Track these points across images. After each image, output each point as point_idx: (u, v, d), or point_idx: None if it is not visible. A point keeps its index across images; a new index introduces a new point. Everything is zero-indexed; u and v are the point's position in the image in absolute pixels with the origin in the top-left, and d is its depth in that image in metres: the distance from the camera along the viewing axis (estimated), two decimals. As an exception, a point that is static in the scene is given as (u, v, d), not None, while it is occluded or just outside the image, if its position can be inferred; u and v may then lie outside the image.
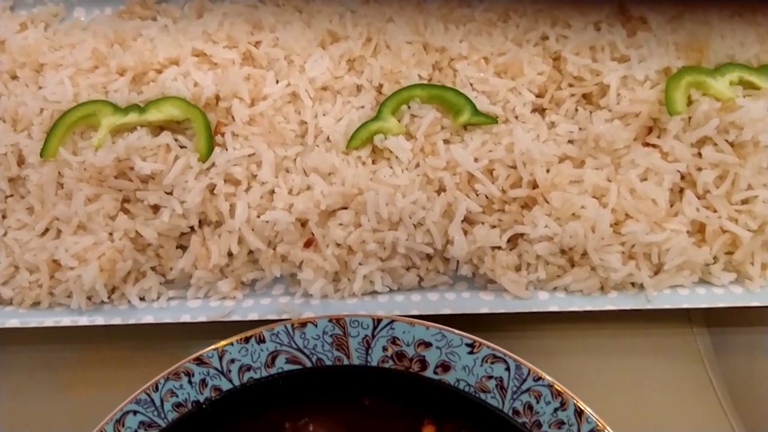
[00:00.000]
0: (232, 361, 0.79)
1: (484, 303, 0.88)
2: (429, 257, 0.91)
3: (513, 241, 0.91)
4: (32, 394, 0.92)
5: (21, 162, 0.94)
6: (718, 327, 0.96)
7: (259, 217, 0.89)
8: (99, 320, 0.89)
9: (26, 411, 0.91)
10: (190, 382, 0.79)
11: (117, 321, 0.89)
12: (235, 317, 0.88)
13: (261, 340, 0.80)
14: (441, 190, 0.90)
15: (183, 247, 0.93)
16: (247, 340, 0.81)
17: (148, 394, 0.78)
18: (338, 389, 0.76)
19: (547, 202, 0.88)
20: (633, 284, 0.89)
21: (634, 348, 0.94)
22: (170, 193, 0.90)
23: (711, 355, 0.94)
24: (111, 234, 0.89)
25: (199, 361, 0.80)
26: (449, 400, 0.75)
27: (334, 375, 0.76)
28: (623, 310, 0.93)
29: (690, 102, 0.90)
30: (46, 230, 0.91)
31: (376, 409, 0.76)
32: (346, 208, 0.89)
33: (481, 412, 0.74)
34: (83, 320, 0.89)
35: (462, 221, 0.89)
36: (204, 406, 0.74)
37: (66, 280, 0.88)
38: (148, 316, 0.89)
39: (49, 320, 0.89)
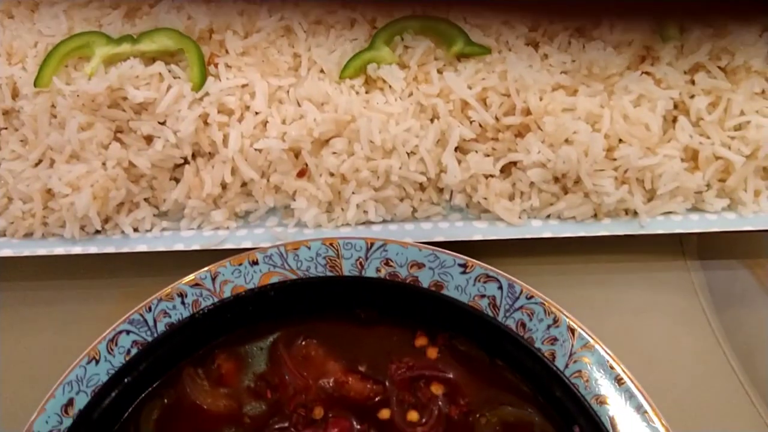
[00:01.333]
0: (225, 282, 0.79)
1: (478, 230, 0.88)
2: (422, 187, 0.91)
3: (506, 170, 0.91)
4: (27, 327, 0.92)
5: (15, 95, 0.94)
6: (711, 260, 0.96)
7: (252, 146, 0.89)
8: (92, 249, 0.89)
9: (20, 344, 0.91)
10: (183, 302, 0.78)
11: (110, 249, 0.89)
12: (229, 245, 0.88)
13: (254, 263, 0.80)
14: (434, 117, 0.90)
15: (176, 180, 0.93)
16: (240, 262, 0.81)
17: (141, 315, 0.78)
18: (331, 303, 0.76)
19: (541, 129, 0.88)
20: (626, 212, 0.89)
21: (628, 280, 0.94)
22: (163, 123, 0.90)
23: (704, 288, 0.94)
24: (104, 163, 0.89)
25: (193, 283, 0.80)
26: (442, 313, 0.75)
27: (327, 288, 0.76)
28: (617, 240, 0.93)
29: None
30: (40, 161, 0.91)
31: (370, 321, 0.76)
32: (339, 137, 0.89)
33: (474, 323, 0.74)
34: (76, 249, 0.89)
35: (455, 150, 0.89)
36: (196, 316, 0.74)
37: (59, 209, 0.88)
38: (141, 245, 0.89)
39: (42, 249, 0.89)
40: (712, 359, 0.89)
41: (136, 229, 0.91)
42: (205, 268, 0.80)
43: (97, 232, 0.91)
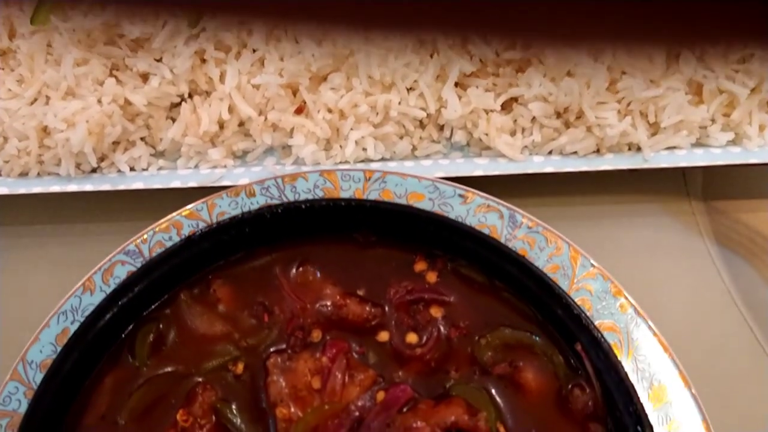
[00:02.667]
0: (222, 214, 0.78)
1: (479, 166, 0.87)
2: (422, 124, 0.90)
3: (507, 106, 0.89)
4: (22, 267, 0.91)
5: (12, 35, 0.93)
6: (716, 200, 0.94)
7: (249, 83, 0.88)
8: (88, 186, 0.88)
9: (16, 283, 0.90)
10: (179, 234, 0.77)
11: (106, 187, 0.88)
12: (226, 182, 0.87)
13: (251, 194, 0.79)
14: (434, 52, 0.88)
15: (173, 120, 0.92)
16: (236, 193, 0.80)
17: (137, 246, 0.77)
18: (329, 227, 0.75)
19: (542, 63, 0.86)
20: (629, 147, 0.88)
21: (631, 221, 0.93)
22: (159, 60, 0.89)
23: (708, 230, 0.93)
24: (99, 100, 0.88)
25: (189, 214, 0.79)
26: (442, 236, 0.74)
27: (324, 212, 0.74)
28: (620, 179, 0.91)
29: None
30: (35, 99, 0.90)
31: (368, 245, 0.75)
32: (337, 71, 0.88)
33: (475, 245, 0.73)
34: (72, 186, 0.88)
35: (455, 86, 0.88)
36: (192, 238, 0.73)
37: (54, 146, 0.87)
38: (137, 183, 0.88)
39: (37, 188, 0.88)
40: (715, 296, 0.87)
41: (132, 168, 0.90)
42: (201, 200, 0.79)
43: (93, 171, 0.90)
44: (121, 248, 0.81)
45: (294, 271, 0.75)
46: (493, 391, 0.68)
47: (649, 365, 0.74)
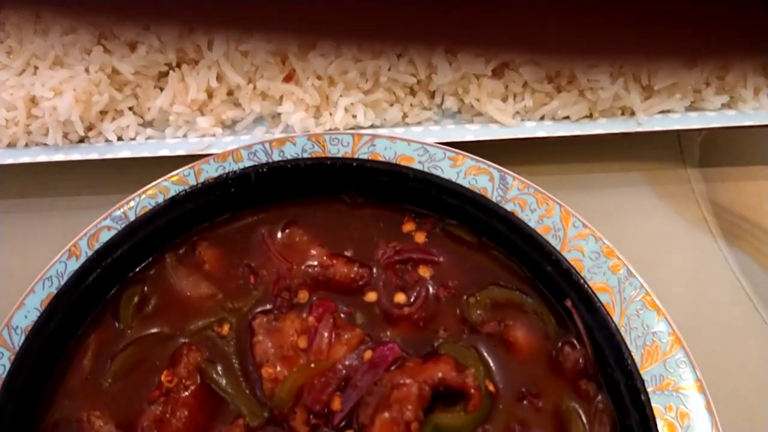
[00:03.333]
0: (209, 179, 0.77)
1: (470, 132, 0.86)
2: (413, 91, 0.89)
3: (498, 72, 0.88)
4: (10, 238, 0.91)
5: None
6: (712, 167, 0.93)
7: (237, 49, 0.87)
8: (75, 155, 0.87)
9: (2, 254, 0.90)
10: (165, 199, 0.77)
11: (93, 156, 0.87)
12: (215, 150, 0.86)
13: (239, 159, 0.78)
14: (423, 17, 0.87)
15: (161, 89, 0.91)
16: (224, 158, 0.79)
17: (124, 212, 0.76)
18: (316, 188, 0.74)
19: (533, 27, 0.85)
20: (623, 112, 0.86)
21: (625, 189, 0.92)
22: (147, 29, 0.88)
23: (704, 195, 0.92)
24: (87, 69, 0.87)
25: (176, 179, 0.78)
26: (430, 196, 0.73)
27: (312, 172, 0.73)
28: (614, 146, 0.90)
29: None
30: (24, 69, 0.90)
31: (355, 206, 0.74)
32: (326, 38, 0.87)
33: (464, 204, 0.72)
34: (59, 156, 0.87)
35: (446, 52, 0.87)
36: (176, 198, 0.72)
37: (42, 115, 0.86)
38: (124, 152, 0.87)
39: (25, 157, 0.87)
40: (709, 259, 0.86)
41: (120, 138, 0.89)
42: (188, 166, 0.79)
43: (81, 141, 0.89)
44: (107, 214, 0.80)
45: (280, 233, 0.74)
46: (483, 349, 0.67)
47: (642, 325, 0.73)
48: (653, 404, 0.62)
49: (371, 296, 0.70)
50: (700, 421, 0.69)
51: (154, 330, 0.70)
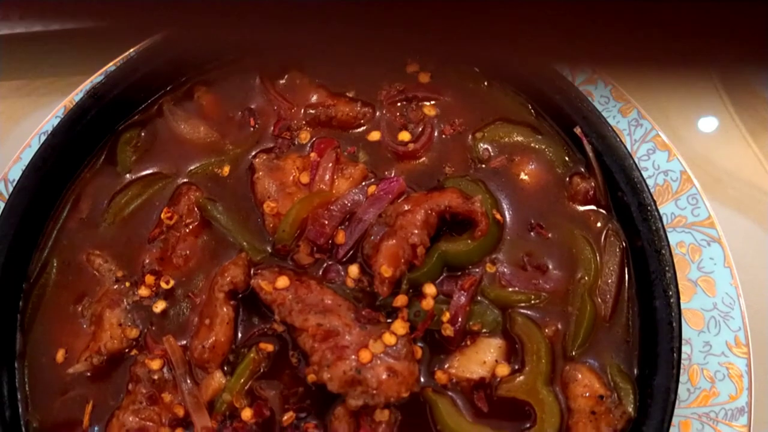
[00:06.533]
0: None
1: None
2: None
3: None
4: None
5: None
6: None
7: None
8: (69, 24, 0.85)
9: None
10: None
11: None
12: None
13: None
14: None
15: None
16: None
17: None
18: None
19: None
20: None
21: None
22: None
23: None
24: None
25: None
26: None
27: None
28: None
29: None
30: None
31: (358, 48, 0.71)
32: None
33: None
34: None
35: None
36: (171, 37, 0.69)
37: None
38: None
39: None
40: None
41: None
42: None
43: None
44: (102, 70, 0.78)
45: (280, 77, 0.71)
46: (490, 183, 0.65)
47: (653, 165, 0.71)
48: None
49: (374, 135, 0.68)
50: (713, 254, 0.67)
51: (152, 171, 0.68)
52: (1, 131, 0.85)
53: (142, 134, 0.70)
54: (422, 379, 0.60)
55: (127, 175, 0.68)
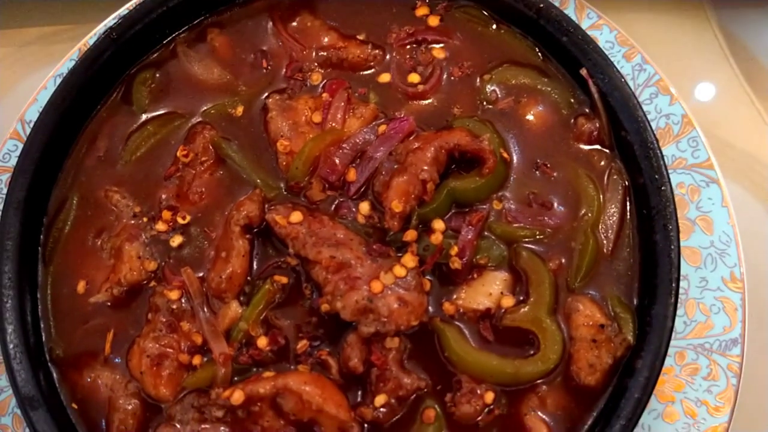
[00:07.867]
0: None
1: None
2: None
3: None
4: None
5: None
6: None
7: None
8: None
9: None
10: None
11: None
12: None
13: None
14: None
15: None
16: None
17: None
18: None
19: None
20: None
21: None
22: None
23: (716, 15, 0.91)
24: None
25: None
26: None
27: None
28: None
29: None
30: None
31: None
32: None
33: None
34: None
35: None
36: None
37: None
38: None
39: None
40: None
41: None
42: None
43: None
44: (114, 14, 0.79)
45: (292, 19, 0.73)
46: (497, 124, 0.67)
47: (655, 109, 0.73)
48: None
49: (385, 77, 0.69)
50: (712, 195, 0.70)
51: (167, 111, 0.70)
52: (16, 76, 0.87)
53: (157, 75, 0.71)
54: (431, 310, 0.62)
55: (143, 115, 0.70)
